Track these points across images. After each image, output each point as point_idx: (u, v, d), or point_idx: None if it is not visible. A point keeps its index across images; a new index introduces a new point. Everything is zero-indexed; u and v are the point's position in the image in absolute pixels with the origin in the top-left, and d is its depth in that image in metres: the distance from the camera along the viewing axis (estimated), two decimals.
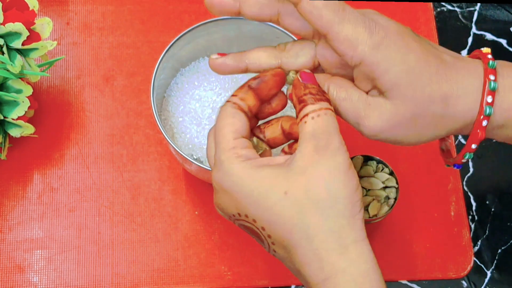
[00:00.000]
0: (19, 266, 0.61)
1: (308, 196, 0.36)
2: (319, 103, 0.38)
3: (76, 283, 0.60)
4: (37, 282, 0.60)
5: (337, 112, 0.40)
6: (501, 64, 0.40)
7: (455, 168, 0.44)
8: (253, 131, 0.41)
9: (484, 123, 0.39)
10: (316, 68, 0.42)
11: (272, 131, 0.41)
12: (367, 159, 0.57)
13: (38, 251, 0.61)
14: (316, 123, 0.37)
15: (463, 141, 0.69)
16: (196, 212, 0.63)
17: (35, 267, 0.61)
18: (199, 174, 0.58)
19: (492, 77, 0.38)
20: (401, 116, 0.38)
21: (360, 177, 0.56)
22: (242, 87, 0.40)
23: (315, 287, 0.36)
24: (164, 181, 0.64)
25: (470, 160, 0.68)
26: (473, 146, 0.40)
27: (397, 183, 0.56)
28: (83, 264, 0.61)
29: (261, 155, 0.40)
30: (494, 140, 0.69)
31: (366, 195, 0.55)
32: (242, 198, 0.37)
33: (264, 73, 0.41)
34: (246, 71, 0.42)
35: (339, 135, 0.37)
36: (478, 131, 0.39)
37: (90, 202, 0.63)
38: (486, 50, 0.41)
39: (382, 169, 0.57)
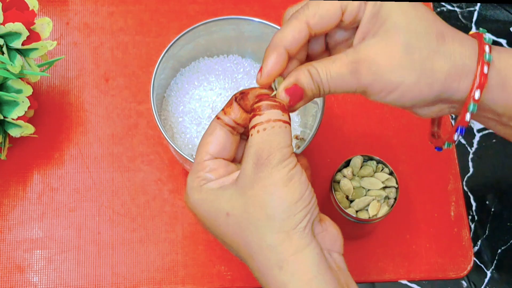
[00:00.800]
0: (19, 266, 0.61)
1: (247, 216, 0.37)
2: (269, 112, 0.37)
3: (76, 283, 0.60)
4: (37, 282, 0.60)
5: (331, 76, 0.39)
6: (493, 47, 0.40)
7: (445, 147, 0.43)
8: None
9: (485, 69, 0.38)
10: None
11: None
12: (367, 159, 0.57)
13: (38, 251, 0.61)
14: (259, 137, 0.37)
15: (463, 141, 0.69)
16: None
17: (35, 267, 0.61)
18: None
19: (487, 49, 0.38)
20: (393, 47, 0.38)
21: (360, 176, 0.56)
22: (229, 100, 0.41)
23: None
24: (164, 181, 0.64)
25: (470, 160, 0.68)
26: (467, 117, 0.39)
27: (397, 183, 0.56)
28: (83, 264, 0.61)
29: None
30: (494, 141, 0.69)
31: (366, 195, 0.55)
32: (200, 218, 0.40)
33: (250, 90, 0.41)
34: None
35: (284, 148, 0.37)
36: (480, 77, 0.38)
37: (90, 202, 0.63)
38: (482, 31, 0.41)
39: (382, 169, 0.57)
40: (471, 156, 0.69)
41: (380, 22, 0.38)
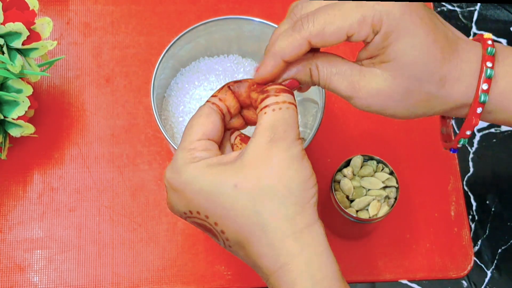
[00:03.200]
0: (19, 266, 0.61)
1: (260, 186, 0.37)
2: (282, 94, 0.38)
3: (76, 283, 0.60)
4: (37, 282, 0.60)
5: (329, 87, 0.40)
6: (500, 49, 0.40)
7: (451, 152, 0.45)
8: (230, 132, 0.43)
9: (479, 110, 0.39)
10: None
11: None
12: (367, 158, 0.57)
13: (38, 251, 0.61)
14: (276, 115, 0.38)
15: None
16: None
17: (35, 267, 0.61)
18: None
19: (489, 64, 0.39)
20: (395, 88, 0.39)
21: (360, 176, 0.56)
22: (221, 87, 0.42)
23: (271, 276, 0.37)
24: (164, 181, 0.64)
25: (470, 160, 0.68)
26: (468, 132, 0.41)
27: (397, 182, 0.56)
28: (83, 264, 0.61)
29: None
30: (494, 140, 0.69)
31: (366, 195, 0.55)
32: (193, 195, 0.38)
33: (245, 81, 0.41)
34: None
35: (297, 128, 0.38)
36: (473, 118, 0.40)
37: (90, 202, 0.63)
38: (487, 35, 0.41)
39: (382, 169, 0.57)
40: (471, 156, 0.69)
41: (389, 57, 0.38)
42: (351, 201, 0.56)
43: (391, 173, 0.56)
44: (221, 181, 0.37)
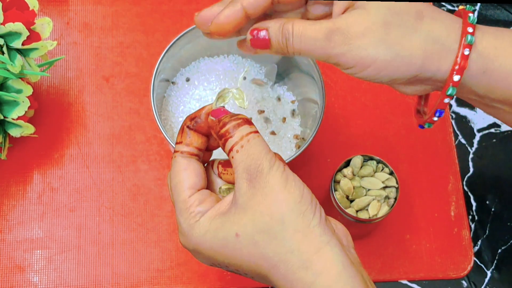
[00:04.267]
0: (19, 266, 0.61)
1: (257, 229, 0.36)
2: (238, 131, 0.37)
3: (76, 283, 0.60)
4: (37, 282, 0.60)
5: (304, 40, 0.39)
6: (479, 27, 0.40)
7: (423, 127, 0.43)
8: (209, 164, 0.42)
9: (466, 51, 0.38)
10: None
11: (228, 178, 0.41)
12: (367, 158, 0.57)
13: (38, 251, 0.61)
14: (242, 155, 0.37)
15: (463, 141, 0.69)
16: None
17: (35, 267, 0.61)
18: None
19: (470, 30, 0.38)
20: (372, 22, 0.38)
21: (360, 176, 0.56)
22: (181, 131, 0.41)
23: None
24: (164, 181, 0.64)
25: (470, 160, 0.68)
26: (449, 92, 0.39)
27: (397, 183, 0.56)
28: (83, 264, 0.61)
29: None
30: (494, 140, 0.69)
31: (366, 195, 0.55)
32: (208, 252, 0.38)
33: (199, 112, 0.41)
34: (244, 18, 0.41)
35: (267, 154, 0.37)
36: (461, 61, 0.38)
37: (90, 202, 0.63)
38: (469, 8, 0.40)
39: (382, 169, 0.57)
40: (471, 156, 0.69)
41: (359, 4, 0.38)
42: (351, 201, 0.56)
43: (391, 173, 0.56)
44: (224, 234, 0.37)
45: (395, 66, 0.38)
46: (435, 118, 0.42)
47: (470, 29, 0.38)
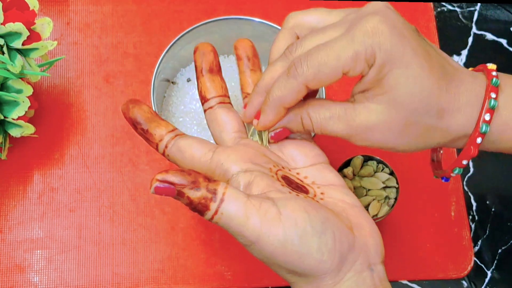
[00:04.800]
0: (19, 266, 0.61)
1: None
2: (211, 205, 0.35)
3: (76, 283, 0.60)
4: (37, 282, 0.60)
5: (325, 131, 0.39)
6: (503, 79, 0.39)
7: (443, 181, 0.44)
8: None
9: (479, 140, 0.38)
10: None
11: None
12: (367, 159, 0.57)
13: (38, 251, 0.61)
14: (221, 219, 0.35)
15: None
16: None
17: (36, 267, 0.61)
18: None
19: (493, 95, 0.38)
20: (392, 121, 0.38)
21: (361, 177, 0.56)
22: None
23: None
24: None
25: (470, 160, 0.68)
26: (464, 162, 0.40)
27: (397, 183, 0.56)
28: (83, 264, 0.61)
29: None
30: None
31: (366, 195, 0.55)
32: None
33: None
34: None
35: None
36: (471, 147, 0.39)
37: (90, 202, 0.63)
38: (491, 66, 0.40)
39: (383, 169, 0.57)
40: None
41: (383, 89, 0.37)
42: None
43: (391, 174, 0.56)
44: None
45: (410, 150, 0.40)
46: (453, 175, 0.42)
47: (487, 117, 0.38)
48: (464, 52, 0.73)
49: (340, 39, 0.36)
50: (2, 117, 0.58)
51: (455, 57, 0.73)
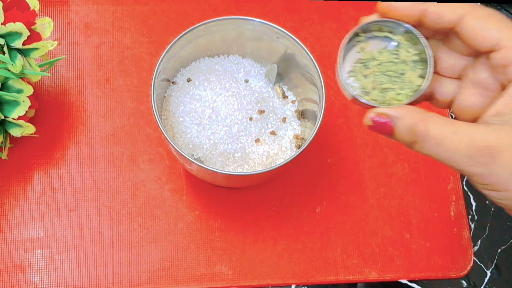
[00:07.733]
0: (19, 265, 0.61)
1: None
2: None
3: (76, 282, 0.60)
4: (37, 281, 0.60)
5: (439, 160, 0.35)
6: None
7: None
8: None
9: None
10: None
11: None
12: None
13: (38, 250, 0.61)
14: None
15: None
16: (196, 212, 0.63)
17: (36, 266, 0.61)
18: (199, 174, 0.58)
19: None
20: None
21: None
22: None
23: None
24: (164, 181, 0.64)
25: None
26: None
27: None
28: (83, 263, 0.61)
29: None
30: None
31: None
32: None
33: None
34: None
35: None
36: None
37: (90, 202, 0.63)
38: None
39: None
40: None
41: None
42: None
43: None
44: None
45: None
46: None
47: None
48: None
49: None
50: (3, 117, 0.58)
51: None
